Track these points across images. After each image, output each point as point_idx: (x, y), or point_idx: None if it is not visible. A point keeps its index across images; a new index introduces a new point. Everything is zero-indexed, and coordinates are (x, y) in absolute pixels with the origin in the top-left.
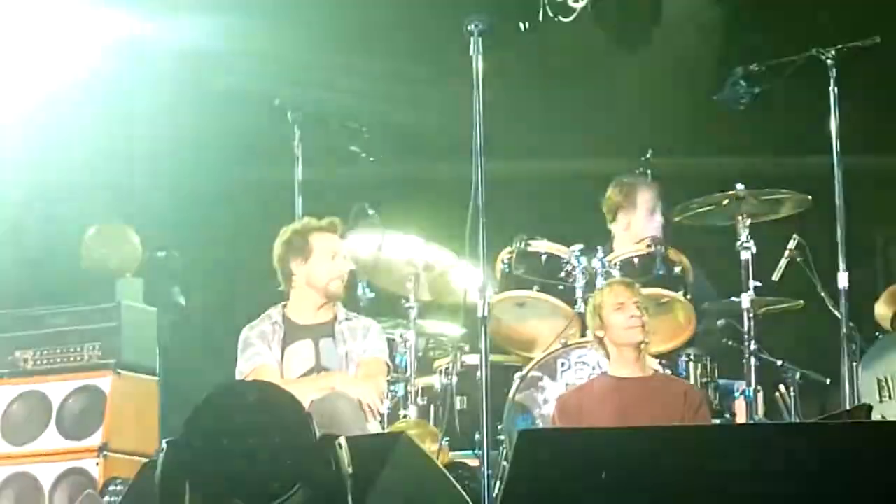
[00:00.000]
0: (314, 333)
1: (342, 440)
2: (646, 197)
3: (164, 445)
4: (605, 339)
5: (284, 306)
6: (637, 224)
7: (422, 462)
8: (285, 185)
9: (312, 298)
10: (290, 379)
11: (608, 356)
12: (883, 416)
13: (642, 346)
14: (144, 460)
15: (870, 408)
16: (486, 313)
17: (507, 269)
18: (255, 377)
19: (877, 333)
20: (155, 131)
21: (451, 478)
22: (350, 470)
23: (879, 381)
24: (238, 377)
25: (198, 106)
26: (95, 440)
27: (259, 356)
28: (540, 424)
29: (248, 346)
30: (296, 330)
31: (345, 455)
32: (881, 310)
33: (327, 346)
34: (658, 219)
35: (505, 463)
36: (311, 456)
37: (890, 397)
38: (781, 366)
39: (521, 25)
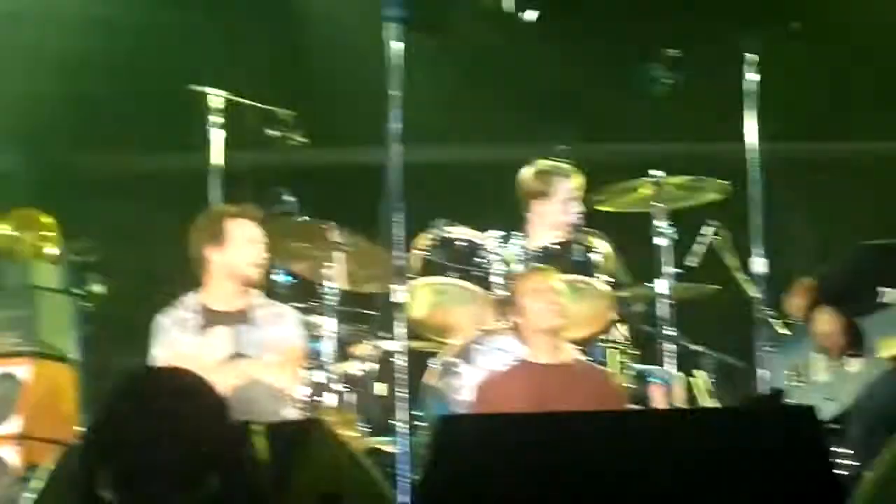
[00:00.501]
0: (231, 320)
1: (258, 426)
2: (563, 186)
3: (82, 432)
4: (522, 326)
5: (200, 293)
6: (554, 213)
7: (339, 448)
8: (201, 172)
9: (229, 285)
10: (207, 365)
11: (526, 343)
12: (796, 401)
13: (559, 331)
14: (63, 447)
15: (781, 392)
16: (403, 300)
17: (425, 256)
18: (171, 364)
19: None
20: (69, 115)
21: (369, 464)
22: (266, 456)
23: (792, 366)
24: (154, 364)
25: (111, 90)
26: (13, 427)
27: (175, 343)
28: (457, 410)
29: (164, 333)
30: (212, 316)
31: (261, 441)
32: (794, 302)
33: (244, 333)
34: (575, 208)
35: (423, 449)
36: (227, 442)
37: (802, 381)
38: (698, 351)
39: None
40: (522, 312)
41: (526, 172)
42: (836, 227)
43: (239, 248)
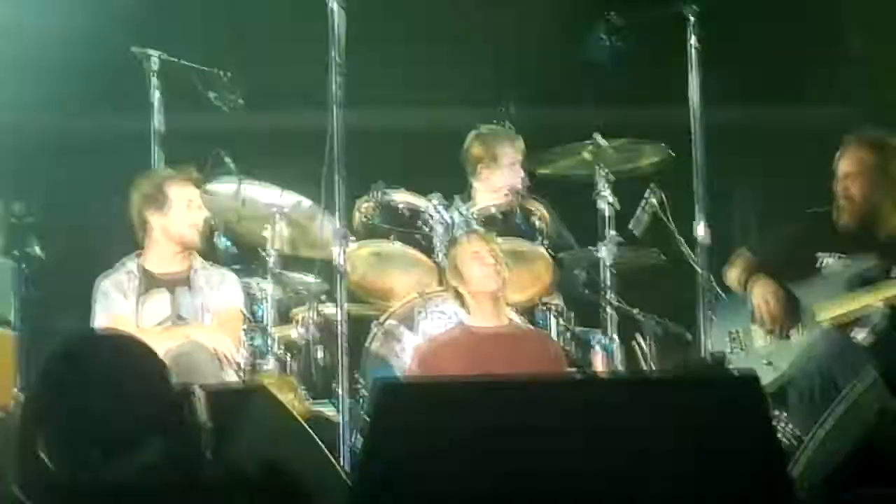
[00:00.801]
0: (170, 283)
1: (198, 390)
2: (507, 151)
3: (19, 397)
4: (461, 290)
5: (140, 256)
6: (497, 179)
7: (279, 413)
8: (142, 134)
9: (169, 248)
10: (146, 328)
11: (465, 308)
12: (734, 368)
13: (499, 295)
14: (1, 412)
15: (723, 356)
16: (343, 263)
17: (366, 220)
18: (111, 327)
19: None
20: (7, 78)
21: (309, 429)
22: (207, 420)
23: (731, 334)
24: (93, 327)
25: (47, 51)
26: None
27: (115, 306)
28: (398, 374)
29: (104, 296)
30: (152, 280)
31: (201, 405)
32: (732, 274)
33: (183, 296)
34: (519, 173)
35: (363, 413)
36: (167, 406)
37: (741, 348)
38: (639, 317)
39: None
40: (462, 277)
41: (471, 138)
42: (780, 192)
43: (179, 211)
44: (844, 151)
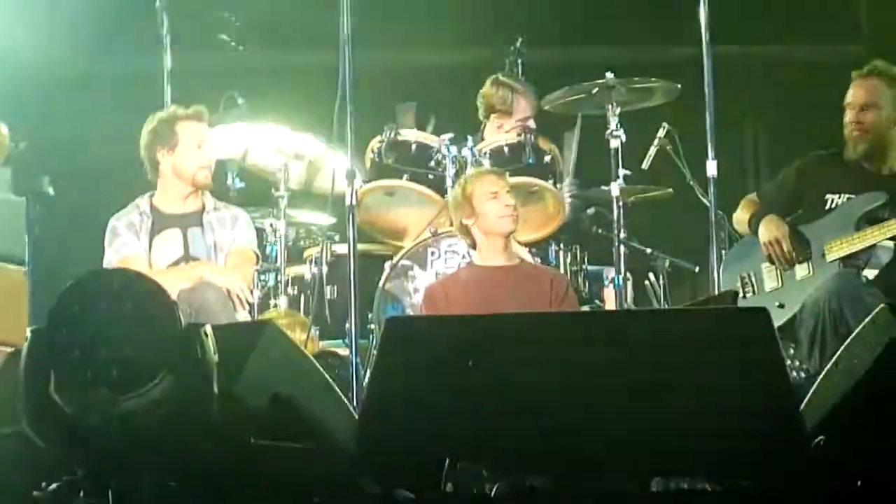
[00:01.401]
0: (182, 223)
1: (208, 328)
2: (523, 106)
3: (29, 334)
4: (472, 228)
5: (152, 196)
6: (509, 128)
7: (289, 350)
8: (154, 74)
9: (179, 188)
10: (158, 269)
11: (474, 245)
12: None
13: (511, 234)
14: (14, 350)
15: (735, 294)
16: (353, 202)
17: (377, 158)
18: (122, 266)
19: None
20: (13, 19)
21: (320, 366)
22: (216, 358)
23: (742, 279)
24: (106, 267)
25: None
26: None
27: (127, 246)
28: (410, 313)
29: (116, 236)
30: (164, 219)
31: (210, 343)
32: (741, 216)
33: (195, 236)
34: (532, 125)
35: (375, 351)
36: (175, 344)
37: (754, 293)
38: (650, 254)
39: None
40: (476, 214)
41: (489, 84)
42: (792, 129)
43: (188, 150)
44: (858, 82)
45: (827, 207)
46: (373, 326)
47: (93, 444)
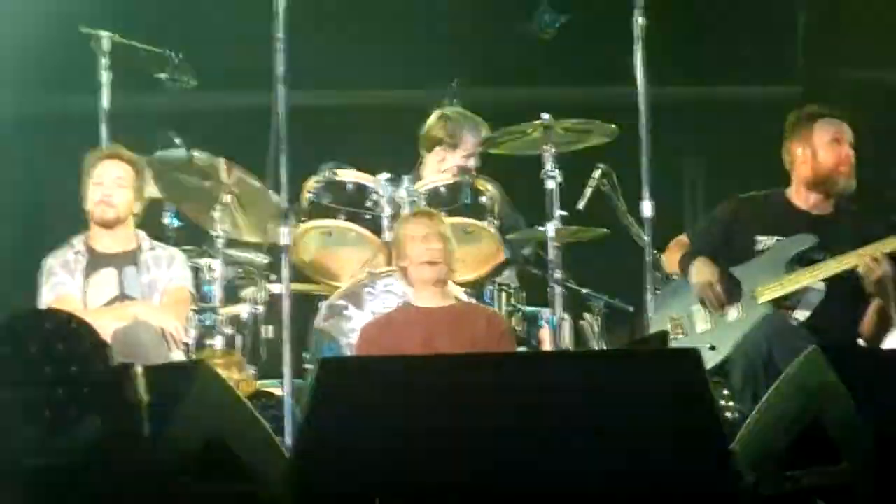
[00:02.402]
0: (117, 262)
1: (139, 368)
2: (468, 139)
3: None
4: (406, 270)
5: (87, 235)
6: (451, 161)
7: (222, 390)
8: (91, 114)
9: (100, 228)
10: (92, 308)
11: (411, 286)
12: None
13: (444, 276)
14: None
15: (666, 334)
16: (288, 241)
17: (314, 198)
18: (58, 306)
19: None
20: None
21: (252, 407)
22: (147, 399)
23: (674, 320)
24: (41, 307)
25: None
26: None
27: (62, 285)
28: (346, 353)
29: (51, 275)
30: (99, 258)
31: (141, 383)
32: (669, 257)
33: (130, 275)
34: (472, 163)
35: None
36: (106, 384)
37: (685, 334)
38: (586, 294)
39: None
40: (408, 257)
41: (436, 117)
42: (725, 171)
43: (89, 188)
44: (832, 120)
45: (757, 249)
46: (308, 366)
47: (23, 485)
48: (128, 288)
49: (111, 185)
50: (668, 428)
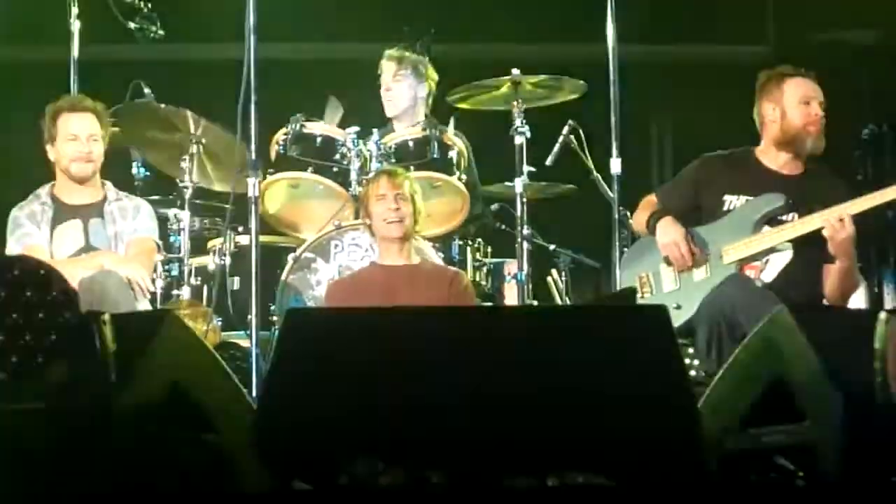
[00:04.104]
0: (83, 213)
1: (106, 317)
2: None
3: None
4: (372, 227)
5: (53, 186)
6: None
7: (188, 340)
8: (61, 64)
9: (68, 180)
10: (59, 259)
11: (376, 243)
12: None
13: (405, 236)
14: None
15: (634, 291)
16: (256, 193)
17: (282, 151)
18: (21, 255)
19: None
20: None
21: (219, 357)
22: (114, 346)
23: (641, 279)
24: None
25: None
26: None
27: (28, 236)
28: (312, 305)
29: (18, 226)
30: (65, 210)
31: (108, 331)
32: (638, 216)
33: (96, 226)
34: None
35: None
36: (73, 332)
37: (651, 293)
38: (553, 250)
39: None
40: (370, 214)
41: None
42: (694, 130)
43: (63, 143)
44: (802, 80)
45: (725, 209)
46: (275, 318)
47: None
48: (94, 239)
49: (86, 140)
50: (634, 385)
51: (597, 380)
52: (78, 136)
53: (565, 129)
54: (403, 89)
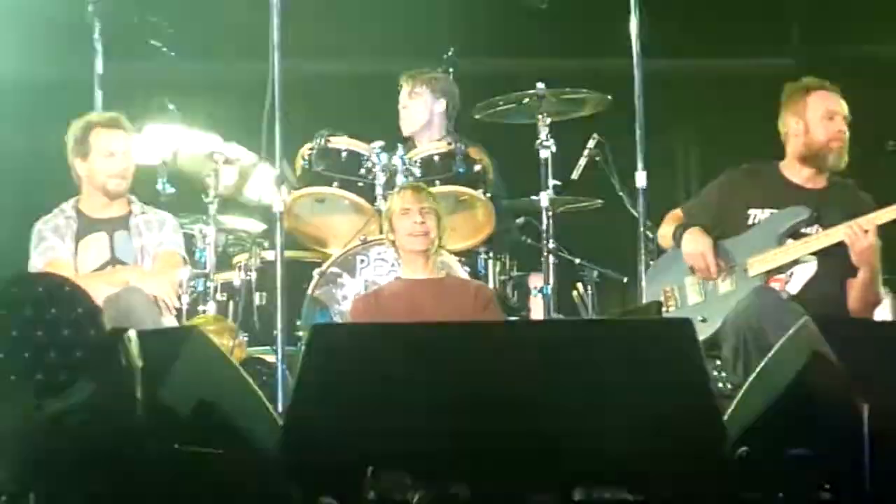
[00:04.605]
0: (108, 227)
1: (132, 333)
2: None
3: None
4: (396, 243)
5: (77, 200)
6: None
7: (214, 356)
8: (85, 80)
9: (98, 195)
10: (84, 273)
11: (400, 258)
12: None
13: (429, 251)
14: None
15: (660, 304)
16: (282, 208)
17: (308, 166)
18: (46, 271)
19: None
20: None
21: (245, 372)
22: (140, 363)
23: (666, 292)
24: (32, 271)
25: None
26: None
27: (52, 250)
28: (339, 321)
29: (42, 239)
30: (89, 223)
31: (134, 348)
32: (663, 230)
33: (122, 240)
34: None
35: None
36: (99, 349)
37: (677, 306)
38: (579, 264)
39: None
40: (393, 230)
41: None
42: (721, 145)
43: (99, 159)
44: (826, 94)
45: (749, 222)
46: (301, 334)
47: (16, 448)
48: (119, 252)
49: (123, 157)
50: (660, 399)
51: (623, 394)
52: (115, 153)
53: (590, 143)
54: (419, 107)
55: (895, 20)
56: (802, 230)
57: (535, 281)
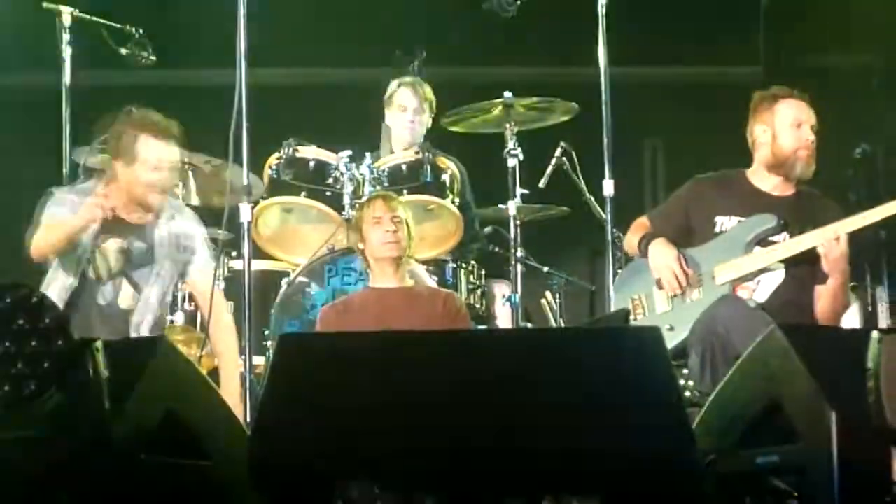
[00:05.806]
0: (128, 232)
1: (99, 343)
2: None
3: None
4: (365, 252)
5: (105, 192)
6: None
7: (181, 366)
8: (52, 90)
9: (130, 202)
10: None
11: (370, 269)
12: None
13: (400, 259)
14: None
15: (627, 312)
16: (249, 218)
17: (275, 175)
18: (46, 230)
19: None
20: None
21: (212, 383)
22: (107, 374)
23: (633, 300)
24: (32, 228)
25: None
26: None
27: (61, 214)
28: (307, 330)
29: (59, 203)
30: (110, 223)
31: (101, 359)
32: (629, 239)
33: (139, 255)
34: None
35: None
36: (66, 359)
37: (644, 315)
38: (547, 272)
39: None
40: (363, 239)
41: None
42: (688, 153)
43: (143, 169)
44: (794, 102)
45: (716, 230)
46: (269, 343)
47: None
48: (135, 271)
49: (170, 173)
50: (628, 406)
51: (591, 402)
52: (163, 167)
53: (558, 152)
54: (425, 121)
55: (860, 30)
56: (770, 238)
57: (503, 289)
